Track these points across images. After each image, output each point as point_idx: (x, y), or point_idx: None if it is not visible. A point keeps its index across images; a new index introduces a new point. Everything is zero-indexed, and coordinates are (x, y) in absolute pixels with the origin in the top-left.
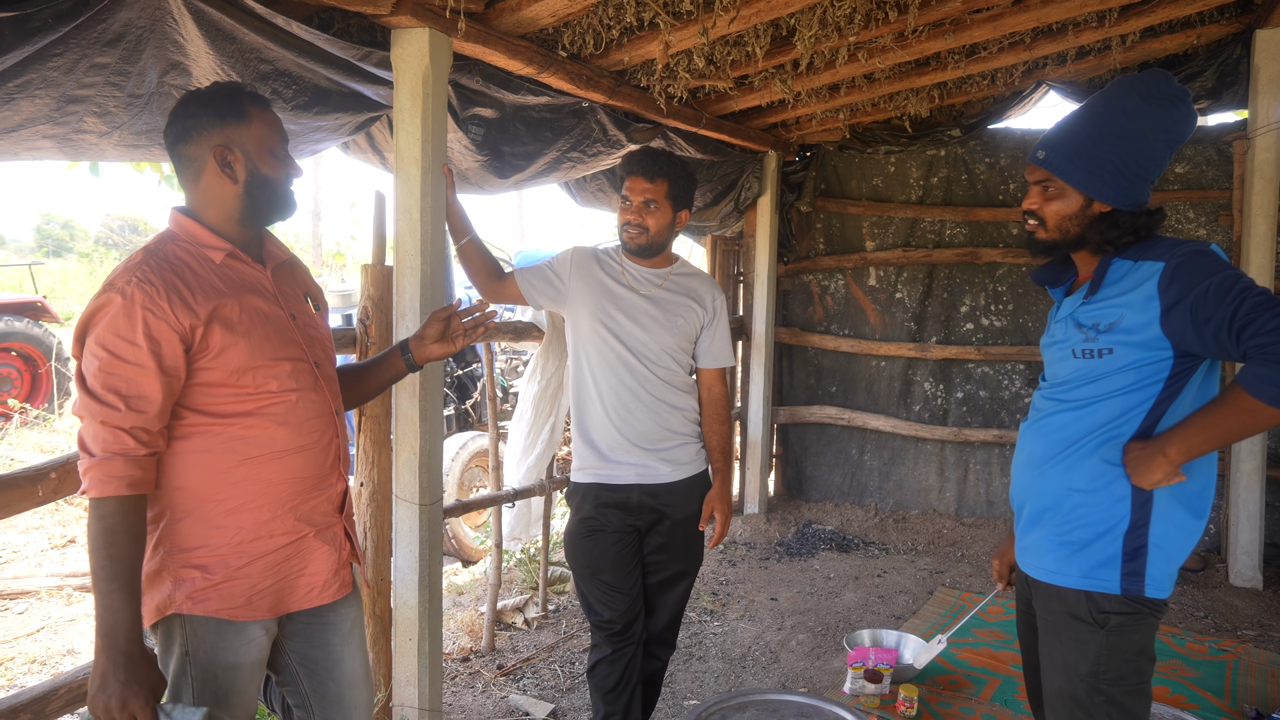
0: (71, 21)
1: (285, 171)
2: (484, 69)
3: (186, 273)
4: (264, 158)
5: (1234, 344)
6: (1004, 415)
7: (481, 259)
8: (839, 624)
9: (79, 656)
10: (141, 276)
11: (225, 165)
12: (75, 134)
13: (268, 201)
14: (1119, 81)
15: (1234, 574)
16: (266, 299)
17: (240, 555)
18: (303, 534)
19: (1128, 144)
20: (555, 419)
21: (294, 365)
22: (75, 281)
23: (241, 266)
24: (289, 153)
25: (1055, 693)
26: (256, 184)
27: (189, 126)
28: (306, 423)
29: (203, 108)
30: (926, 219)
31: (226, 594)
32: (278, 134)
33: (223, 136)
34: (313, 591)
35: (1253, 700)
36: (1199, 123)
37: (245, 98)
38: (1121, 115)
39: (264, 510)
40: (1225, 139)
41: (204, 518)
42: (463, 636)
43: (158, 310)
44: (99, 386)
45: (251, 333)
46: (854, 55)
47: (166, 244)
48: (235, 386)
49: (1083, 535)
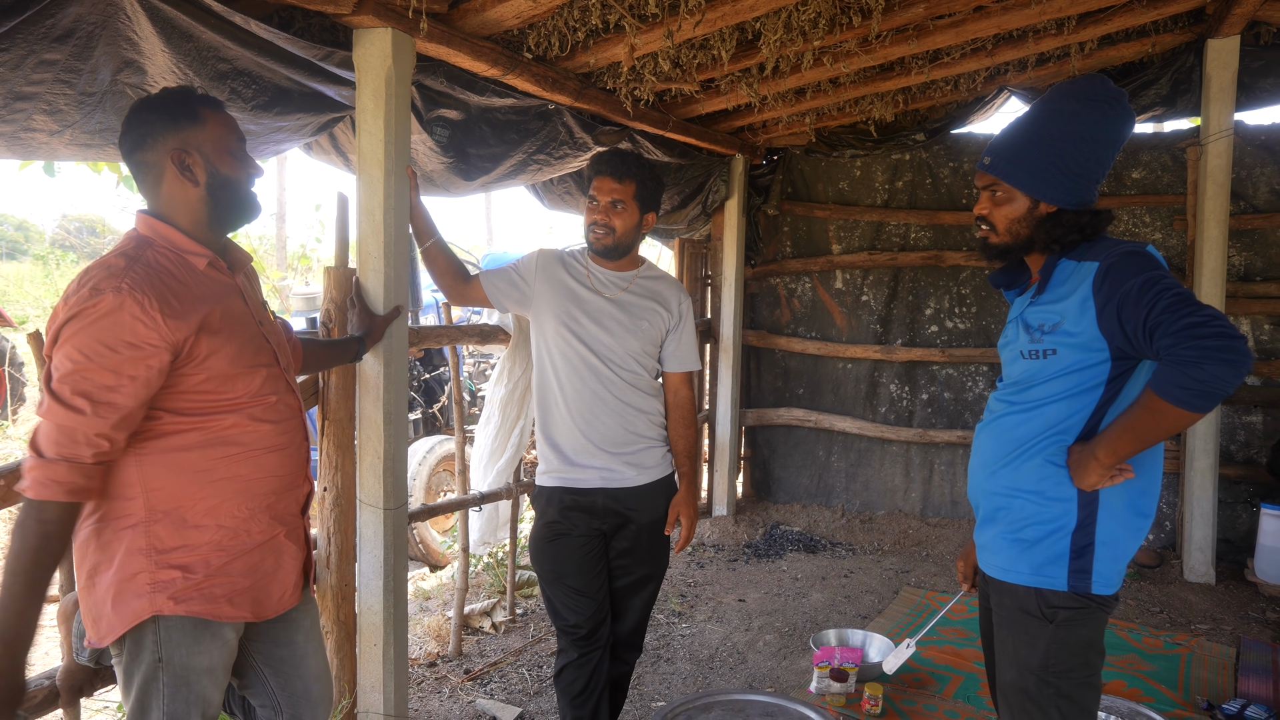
0: (17, 16)
1: (246, 171)
2: (448, 70)
3: (173, 281)
4: (222, 158)
5: (1148, 344)
6: (968, 416)
7: (446, 262)
8: (806, 624)
9: (30, 668)
10: (132, 284)
11: (184, 169)
12: (24, 132)
13: (231, 202)
14: (1057, 86)
15: (1188, 570)
16: (240, 306)
17: (221, 553)
18: (276, 532)
19: (1067, 145)
20: (523, 422)
21: (268, 370)
22: (30, 285)
23: (218, 274)
24: (247, 153)
25: (1007, 685)
26: (218, 185)
27: (144, 133)
28: (282, 423)
29: (155, 113)
30: (892, 222)
31: (208, 593)
32: (234, 134)
33: (179, 140)
34: (285, 594)
35: (1205, 692)
36: (1155, 129)
37: (197, 100)
38: (1060, 117)
39: (242, 508)
40: (1179, 145)
41: (183, 517)
42: (430, 641)
43: (149, 321)
44: (67, 389)
45: (233, 339)
46: (819, 60)
47: (146, 250)
48: (216, 391)
49: (1032, 533)
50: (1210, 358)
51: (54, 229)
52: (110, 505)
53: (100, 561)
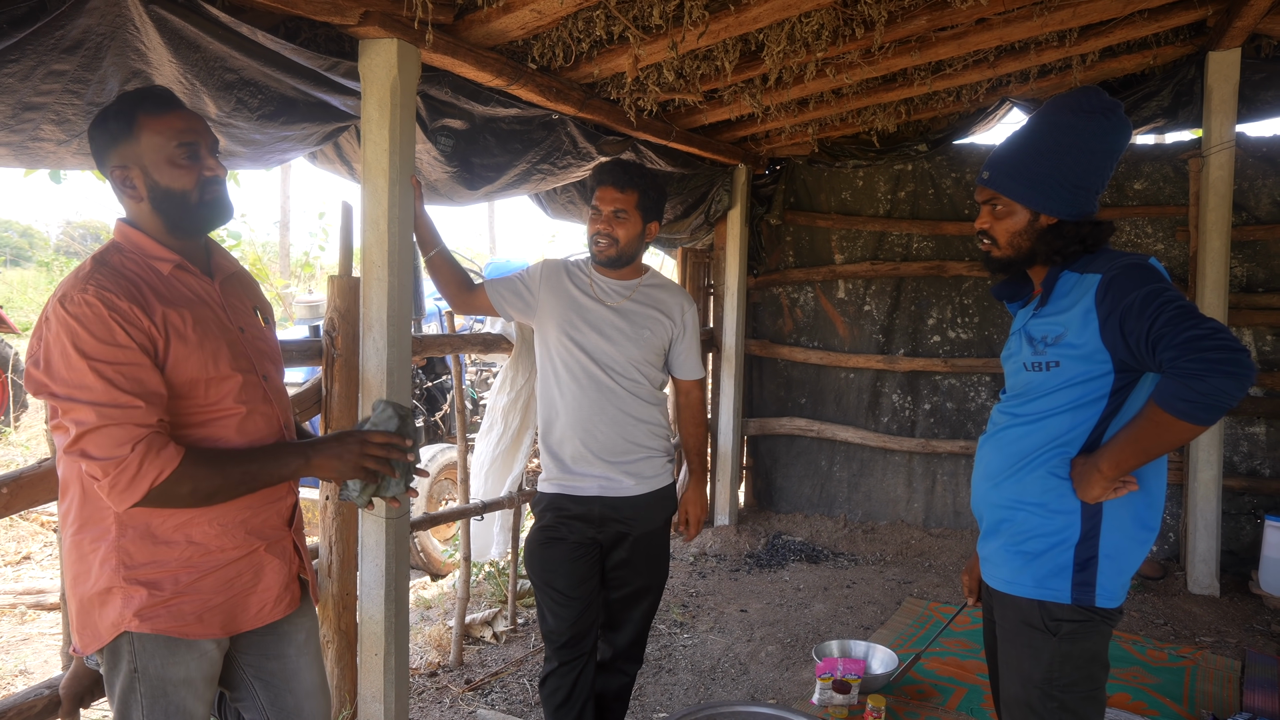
0: (28, 27)
1: (192, 177)
2: (453, 80)
3: (139, 281)
4: (160, 169)
5: (1151, 357)
6: (970, 427)
7: (450, 270)
8: (808, 635)
9: (32, 677)
10: (97, 284)
11: (127, 185)
12: (32, 142)
13: (178, 213)
14: (1052, 99)
15: (1192, 582)
16: (214, 311)
17: (191, 570)
18: (254, 548)
19: (1064, 157)
20: (529, 432)
21: (244, 379)
22: (34, 291)
23: (189, 278)
24: (199, 154)
25: (1011, 699)
26: (159, 197)
27: (95, 150)
28: (256, 437)
29: (99, 131)
30: (894, 232)
31: (176, 611)
32: (174, 140)
33: (118, 157)
34: (265, 608)
35: (1210, 705)
36: (1157, 140)
37: (137, 107)
38: (1056, 130)
39: (214, 524)
40: (1181, 157)
41: (152, 533)
42: (430, 651)
43: (121, 315)
44: (107, 396)
45: (203, 345)
46: (822, 71)
47: (112, 254)
48: (187, 399)
49: (1035, 546)
50: (1213, 370)
51: (58, 235)
52: (87, 514)
53: (80, 572)
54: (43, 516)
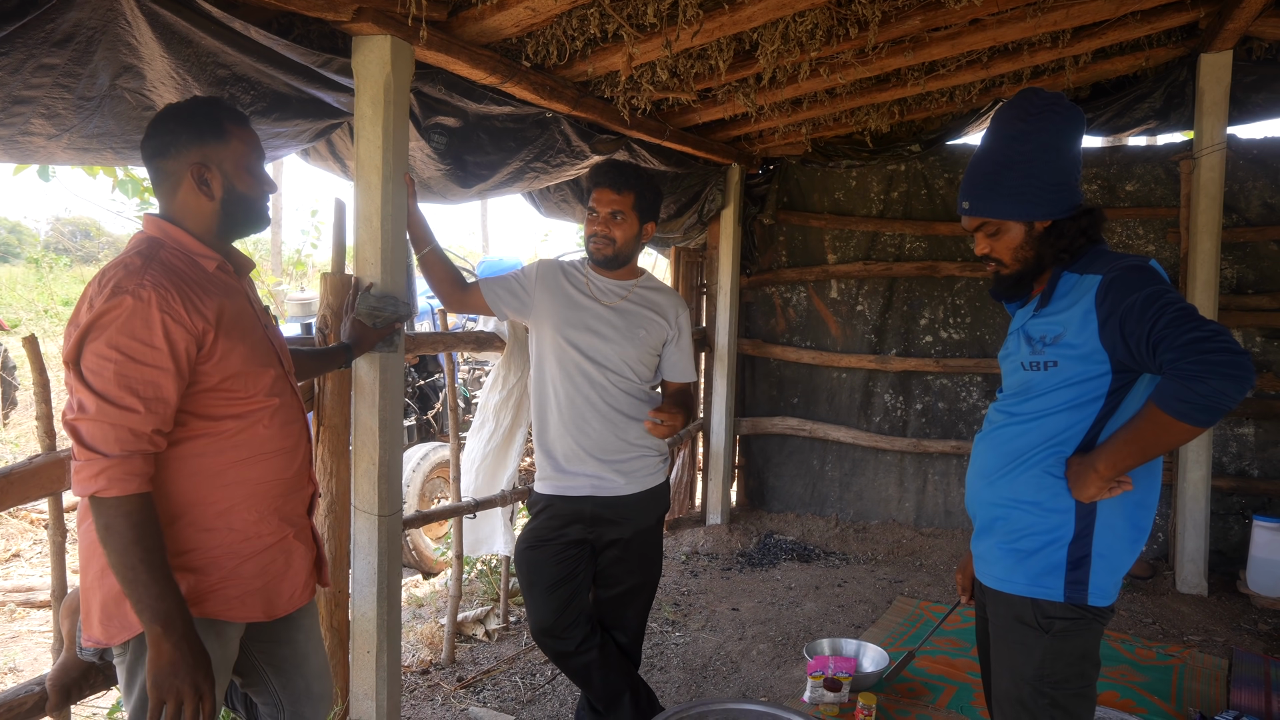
0: (17, 20)
1: (261, 189)
2: (447, 78)
3: (188, 278)
4: (241, 176)
5: (1151, 359)
6: (962, 426)
7: (444, 268)
8: (799, 633)
9: (21, 674)
10: (154, 280)
11: (202, 183)
12: (21, 136)
13: (243, 218)
14: (998, 113)
15: (1181, 581)
16: (248, 307)
17: (232, 556)
18: (285, 534)
19: (1032, 163)
20: (521, 431)
21: (275, 372)
22: (23, 288)
23: (226, 277)
24: (265, 170)
25: (1002, 695)
26: (233, 201)
27: (167, 142)
28: (287, 426)
29: (182, 125)
30: (887, 233)
31: (221, 596)
32: (255, 151)
33: (200, 155)
34: (296, 593)
35: (1197, 703)
36: (1149, 142)
37: (225, 115)
38: (1015, 141)
39: (252, 511)
40: (1173, 158)
41: (193, 521)
42: (422, 649)
43: (174, 314)
44: (114, 389)
45: (245, 339)
46: (816, 70)
47: (159, 251)
48: (229, 391)
49: (1029, 544)
50: (1214, 373)
51: (48, 232)
52: None
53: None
54: (32, 514)
